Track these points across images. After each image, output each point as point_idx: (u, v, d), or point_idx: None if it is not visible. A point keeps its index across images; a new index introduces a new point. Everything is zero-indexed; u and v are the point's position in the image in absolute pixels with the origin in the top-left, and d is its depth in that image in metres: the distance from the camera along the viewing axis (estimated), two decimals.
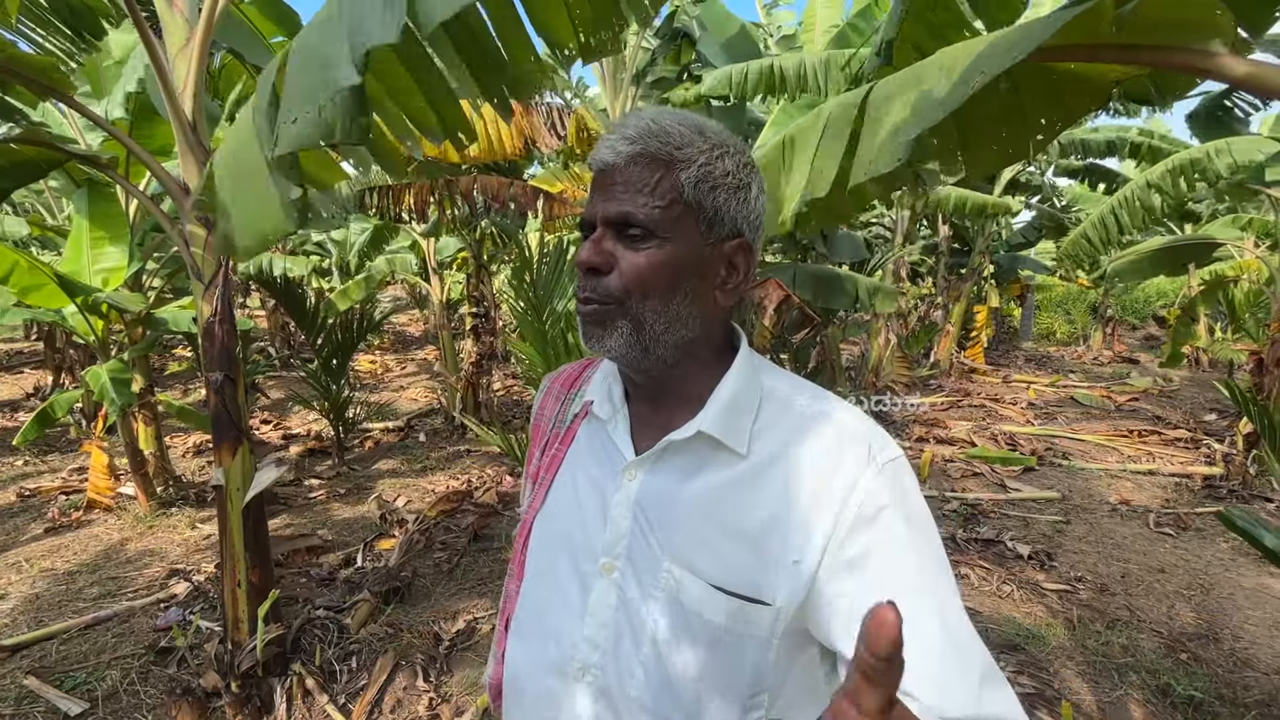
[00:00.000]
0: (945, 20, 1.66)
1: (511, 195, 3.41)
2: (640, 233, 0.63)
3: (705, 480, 0.66)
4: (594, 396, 0.75)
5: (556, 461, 0.78)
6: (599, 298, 0.64)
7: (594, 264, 0.63)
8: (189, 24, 2.24)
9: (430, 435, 6.29)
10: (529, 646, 0.75)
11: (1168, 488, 4.69)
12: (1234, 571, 3.47)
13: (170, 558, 3.73)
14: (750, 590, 0.62)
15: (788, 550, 0.61)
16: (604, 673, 0.67)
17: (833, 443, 0.64)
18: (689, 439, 0.66)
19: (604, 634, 0.67)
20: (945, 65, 1.00)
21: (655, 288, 0.63)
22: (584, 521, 0.72)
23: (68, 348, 7.52)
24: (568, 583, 0.71)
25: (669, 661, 0.64)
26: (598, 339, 0.66)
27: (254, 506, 2.38)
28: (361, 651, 2.70)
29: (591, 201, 0.66)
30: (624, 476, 0.70)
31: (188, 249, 2.26)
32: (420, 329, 14.89)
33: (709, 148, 0.65)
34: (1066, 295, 14.14)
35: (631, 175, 0.63)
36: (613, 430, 0.72)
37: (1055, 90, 1.08)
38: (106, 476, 4.29)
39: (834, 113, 1.25)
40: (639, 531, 0.67)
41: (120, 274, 3.81)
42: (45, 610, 3.16)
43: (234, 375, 2.32)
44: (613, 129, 0.65)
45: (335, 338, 5.39)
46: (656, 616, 0.65)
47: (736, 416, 0.66)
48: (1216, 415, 6.67)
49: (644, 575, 0.66)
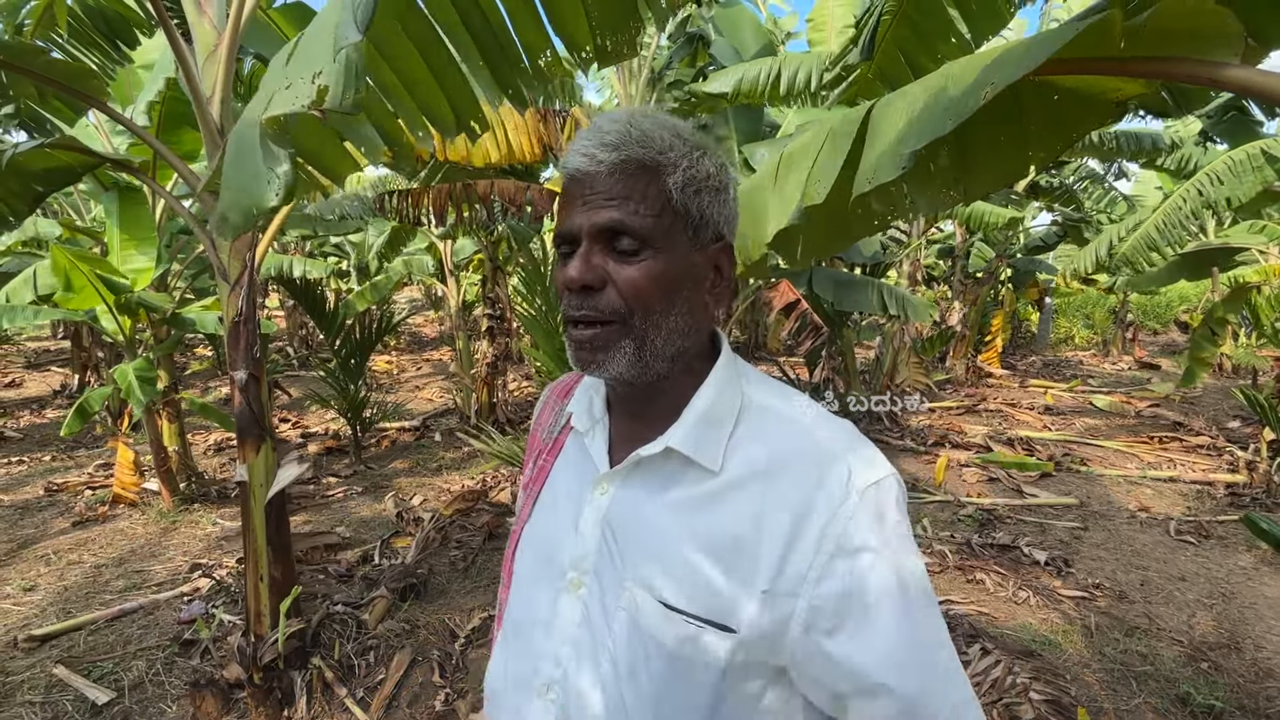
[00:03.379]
0: (930, 26, 1.67)
1: (528, 199, 3.45)
2: (634, 244, 0.59)
3: (674, 497, 0.63)
4: (574, 409, 0.73)
5: (544, 473, 0.77)
6: (600, 316, 0.60)
7: (588, 281, 0.59)
8: (217, 30, 2.31)
9: (445, 435, 6.36)
10: (507, 658, 0.73)
11: (1189, 495, 4.62)
12: (1256, 581, 3.41)
13: (193, 552, 3.81)
14: (713, 614, 0.58)
15: (756, 577, 0.57)
16: (564, 692, 0.65)
17: (811, 464, 0.59)
18: (661, 454, 0.63)
19: (567, 651, 0.65)
20: (952, 77, 1.01)
21: (655, 302, 0.60)
22: (559, 535, 0.70)
23: (94, 347, 7.72)
24: (540, 597, 0.69)
25: (626, 685, 0.61)
26: (598, 365, 0.61)
27: (276, 503, 2.43)
28: (379, 647, 2.74)
29: (569, 213, 0.61)
30: (595, 490, 0.67)
31: (214, 250, 2.33)
32: (435, 330, 15.03)
33: (689, 150, 0.62)
34: (1086, 300, 13.94)
35: (616, 183, 0.59)
36: (589, 442, 0.70)
37: (1057, 109, 1.07)
38: (132, 472, 4.39)
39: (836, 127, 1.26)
40: (605, 547, 0.65)
41: (148, 275, 3.91)
42: (73, 602, 3.25)
43: (258, 374, 2.38)
44: (585, 134, 0.62)
45: (354, 338, 5.47)
46: (617, 636, 0.62)
47: (710, 430, 0.63)
48: (1240, 422, 6.54)
49: (608, 593, 0.64)
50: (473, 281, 9.63)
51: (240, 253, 2.32)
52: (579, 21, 1.05)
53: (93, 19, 2.54)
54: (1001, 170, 1.11)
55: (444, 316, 14.90)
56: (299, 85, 0.86)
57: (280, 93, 0.90)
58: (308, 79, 0.85)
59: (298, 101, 0.85)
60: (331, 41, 0.83)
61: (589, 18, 1.04)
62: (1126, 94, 1.01)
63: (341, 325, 5.40)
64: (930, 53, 1.75)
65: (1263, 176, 3.72)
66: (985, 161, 1.14)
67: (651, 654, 0.60)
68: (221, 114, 2.29)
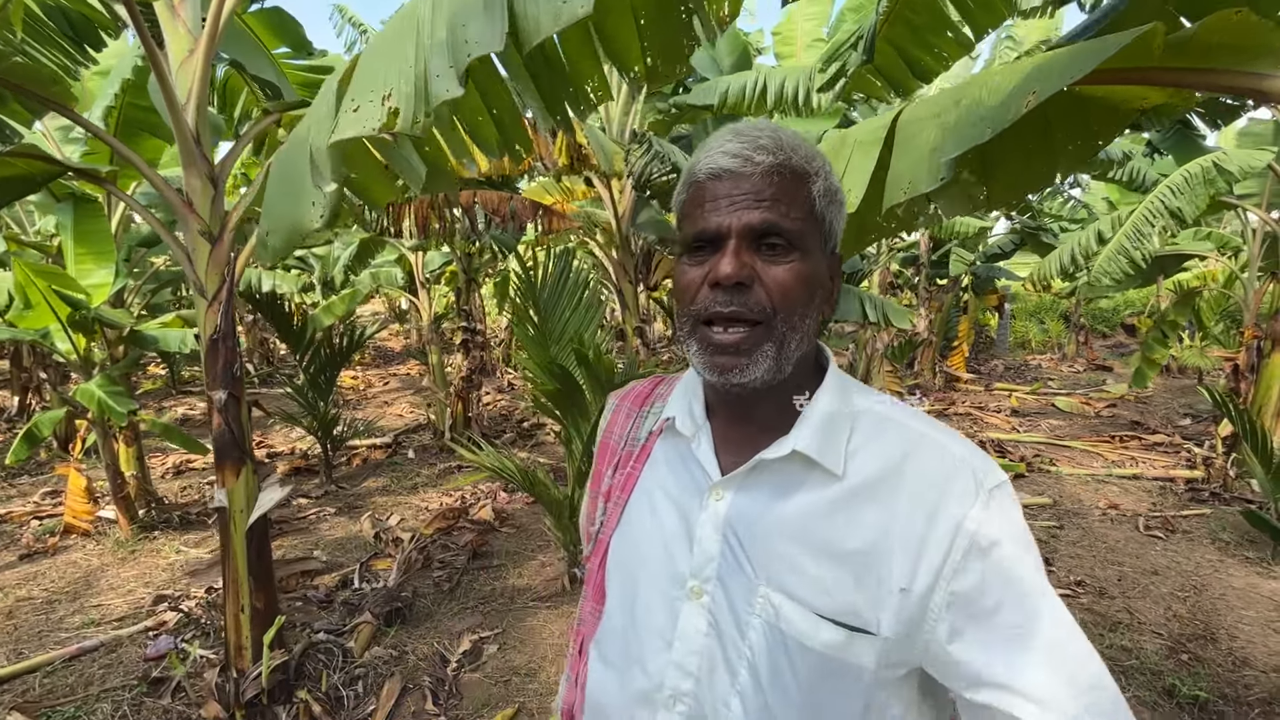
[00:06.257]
0: (926, 23, 1.70)
1: (512, 209, 3.40)
2: (783, 244, 0.61)
3: (799, 502, 0.63)
4: (675, 413, 0.73)
5: (631, 480, 0.76)
6: (749, 314, 0.60)
7: (742, 278, 0.60)
8: (192, 35, 2.21)
9: (419, 451, 6.19)
10: (615, 673, 0.72)
11: (1153, 491, 4.81)
12: (1223, 572, 3.56)
13: (155, 583, 3.59)
14: (851, 618, 0.60)
15: (892, 578, 0.59)
16: (697, 702, 0.64)
17: (936, 468, 0.61)
18: (782, 458, 0.64)
19: (695, 661, 0.65)
20: (987, 86, 1.02)
21: (798, 303, 0.61)
22: (666, 543, 0.69)
23: (35, 367, 7.27)
24: (652, 607, 0.69)
25: (769, 692, 0.62)
26: (741, 369, 0.61)
27: (258, 529, 2.31)
28: (367, 675, 2.62)
29: (711, 212, 0.62)
30: (710, 496, 0.67)
31: (191, 264, 2.21)
32: (401, 344, 14.70)
33: (824, 162, 0.65)
34: (1040, 305, 14.52)
35: (769, 186, 0.61)
36: (696, 448, 0.70)
37: (1083, 115, 1.10)
38: (85, 500, 4.13)
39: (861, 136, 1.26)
40: (730, 554, 0.65)
41: (105, 290, 3.70)
42: (24, 642, 3.02)
43: (238, 393, 2.26)
44: (726, 138, 0.64)
45: (323, 354, 5.29)
46: (753, 644, 0.62)
47: (832, 434, 0.64)
48: (1191, 420, 6.87)
49: (737, 600, 0.64)
50: (443, 293, 9.45)
51: (219, 266, 2.21)
52: (631, 42, 1.03)
53: (54, 19, 2.40)
54: (1028, 177, 1.13)
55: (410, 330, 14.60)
56: (368, 108, 0.82)
57: (347, 115, 0.86)
58: (376, 101, 0.81)
59: (367, 124, 0.81)
60: (401, 62, 0.79)
61: (641, 38, 1.01)
62: (1151, 102, 1.03)
63: (311, 341, 5.21)
64: (927, 48, 1.78)
65: (1214, 188, 3.93)
66: (1011, 169, 1.16)
67: (798, 661, 0.61)
68: (197, 120, 2.18)
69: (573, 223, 3.82)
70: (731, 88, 3.22)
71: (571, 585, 3.46)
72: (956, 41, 1.78)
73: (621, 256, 4.11)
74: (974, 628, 0.58)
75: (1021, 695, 0.56)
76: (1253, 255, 5.10)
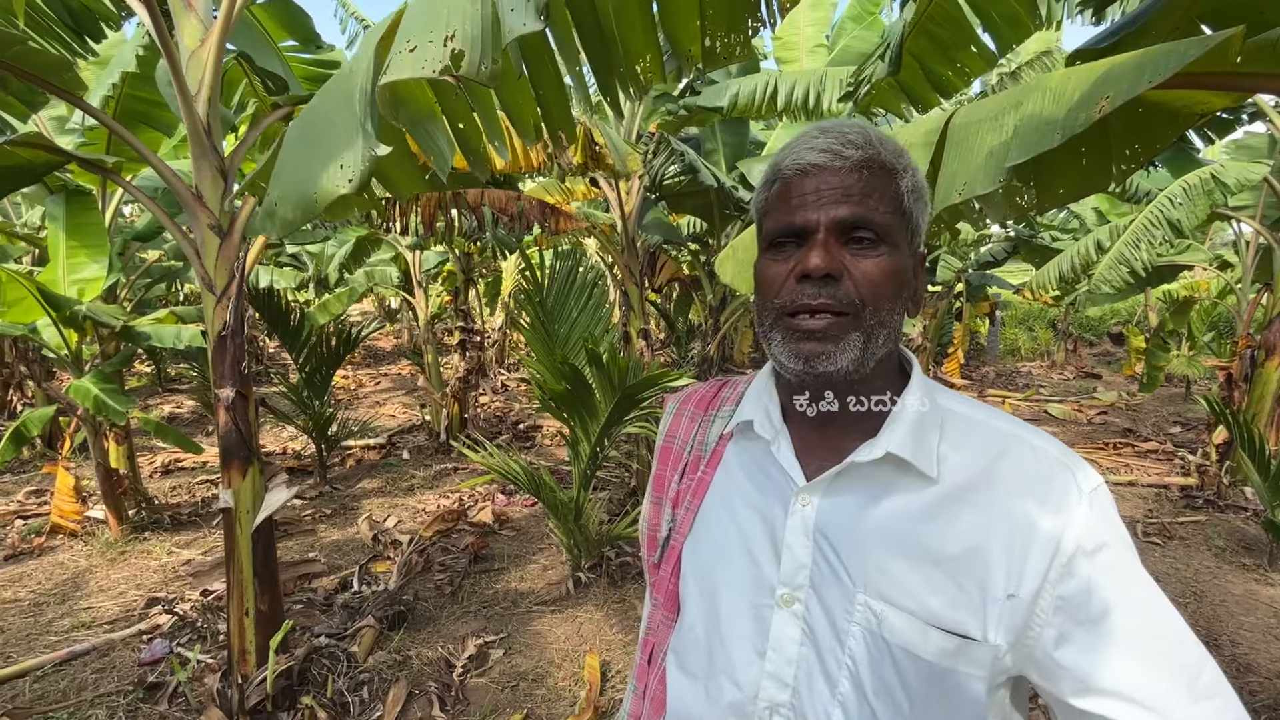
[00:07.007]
0: (951, 37, 1.70)
1: (520, 208, 3.36)
2: (872, 238, 0.60)
3: (892, 506, 0.62)
4: (752, 416, 0.71)
5: (703, 485, 0.74)
6: (838, 306, 0.60)
7: (831, 270, 0.59)
8: (204, 25, 2.16)
9: (414, 452, 6.11)
10: (698, 684, 0.70)
11: (1148, 498, 4.85)
12: (1221, 579, 3.59)
13: (147, 585, 3.51)
14: (957, 625, 0.59)
15: (996, 584, 0.58)
16: (796, 713, 0.63)
17: (1033, 469, 0.61)
18: (874, 461, 0.62)
19: (791, 671, 0.63)
20: (1053, 90, 1.00)
21: (886, 297, 0.61)
22: (749, 549, 0.67)
23: (18, 362, 7.09)
24: (738, 615, 0.67)
25: (875, 701, 0.60)
26: (827, 356, 0.60)
27: (264, 530, 2.25)
28: (372, 681, 2.57)
29: (799, 207, 0.62)
30: (796, 502, 0.65)
31: (199, 259, 2.15)
32: (392, 343, 14.56)
33: (910, 160, 0.64)
34: (1029, 312, 14.68)
35: (859, 180, 0.61)
36: (777, 452, 0.68)
37: (1142, 120, 1.09)
38: (72, 499, 4.02)
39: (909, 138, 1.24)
40: (822, 561, 0.63)
41: (97, 285, 3.62)
42: (13, 645, 2.93)
43: (246, 392, 2.21)
44: (813, 134, 0.63)
45: (319, 352, 5.21)
46: (854, 653, 0.61)
47: (924, 436, 0.62)
48: (1181, 428, 6.96)
49: (834, 608, 0.62)
50: (439, 293, 9.37)
51: (228, 261, 2.16)
52: (691, 18, 0.98)
53: (54, 9, 2.34)
54: (1083, 181, 1.12)
55: (402, 329, 14.46)
56: (427, 49, 0.75)
57: (402, 55, 0.77)
58: (438, 42, 0.74)
59: (428, 65, 0.74)
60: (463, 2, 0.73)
61: (703, 14, 0.97)
62: (1214, 107, 1.03)
63: (307, 339, 5.13)
64: (949, 62, 1.78)
65: (1212, 200, 3.99)
66: (1064, 174, 1.15)
67: (907, 671, 0.59)
68: (208, 112, 2.13)
69: (579, 223, 3.79)
70: (742, 90, 3.22)
71: (575, 589, 3.42)
72: (980, 56, 1.78)
73: (627, 258, 4.09)
74: (1082, 632, 0.56)
75: (1134, 702, 0.55)
76: (1246, 266, 5.18)
